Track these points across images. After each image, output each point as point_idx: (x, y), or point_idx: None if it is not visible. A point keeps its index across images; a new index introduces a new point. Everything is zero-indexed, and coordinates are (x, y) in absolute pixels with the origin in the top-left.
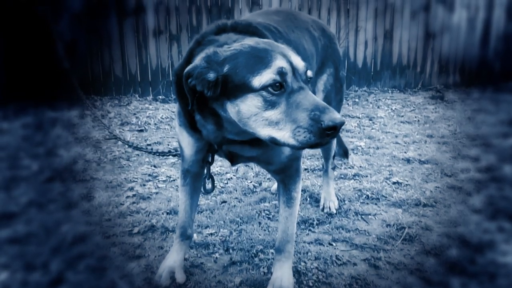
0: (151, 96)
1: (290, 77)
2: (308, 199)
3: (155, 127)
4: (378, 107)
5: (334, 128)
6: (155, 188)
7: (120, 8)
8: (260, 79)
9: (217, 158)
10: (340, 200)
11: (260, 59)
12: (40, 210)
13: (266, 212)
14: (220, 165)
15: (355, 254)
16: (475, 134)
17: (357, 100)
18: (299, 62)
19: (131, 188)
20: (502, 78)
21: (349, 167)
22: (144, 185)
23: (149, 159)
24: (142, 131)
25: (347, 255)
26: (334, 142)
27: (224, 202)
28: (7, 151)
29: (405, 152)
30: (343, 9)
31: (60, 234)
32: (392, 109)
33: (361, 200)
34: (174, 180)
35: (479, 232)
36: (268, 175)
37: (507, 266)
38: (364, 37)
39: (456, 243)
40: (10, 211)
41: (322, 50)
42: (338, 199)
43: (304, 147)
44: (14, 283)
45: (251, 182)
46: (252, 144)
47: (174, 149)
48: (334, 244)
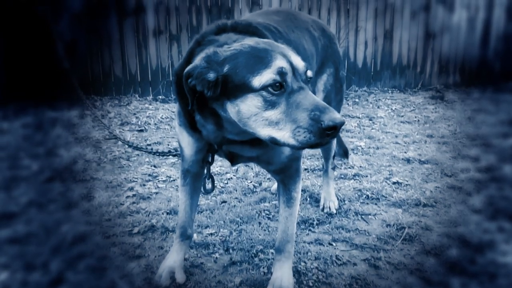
0: (151, 96)
1: (290, 77)
2: (308, 199)
3: (155, 127)
4: (378, 107)
5: (334, 128)
6: (155, 188)
7: (120, 8)
8: (260, 79)
9: (217, 158)
10: (340, 200)
11: (260, 59)
12: (40, 210)
13: (266, 212)
14: (220, 165)
15: (355, 254)
16: (475, 134)
17: (357, 100)
18: (299, 62)
19: (131, 188)
20: (502, 78)
21: (349, 167)
22: (144, 185)
23: (149, 159)
24: (142, 131)
25: (347, 255)
26: (334, 142)
27: (224, 202)
28: (7, 151)
29: (405, 152)
30: (343, 9)
31: (60, 234)
32: (392, 109)
33: (361, 200)
34: (174, 180)
35: (479, 232)
36: (268, 175)
37: (507, 266)
38: (364, 37)
39: (456, 243)
40: (10, 211)
41: (322, 50)
42: (338, 199)
43: (304, 147)
44: (14, 283)
45: (251, 182)
46: (252, 144)
47: (174, 149)
48: (334, 244)
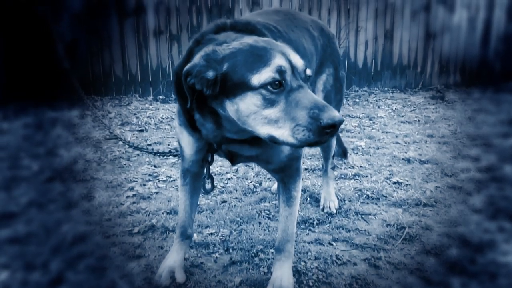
0: (151, 96)
1: (289, 75)
2: (308, 199)
3: (156, 127)
4: (379, 107)
5: (333, 126)
6: (155, 188)
7: (120, 8)
8: (259, 78)
9: (217, 158)
10: (340, 200)
11: (259, 58)
12: (40, 210)
13: (266, 212)
14: (221, 165)
15: (355, 253)
16: (475, 134)
17: (357, 100)
18: (298, 60)
19: (131, 188)
20: (503, 78)
21: (349, 167)
22: (144, 185)
23: (149, 159)
24: (142, 131)
25: (347, 254)
26: (334, 142)
27: (224, 202)
28: (8, 151)
29: (405, 152)
30: (343, 9)
31: (60, 234)
32: (392, 109)
33: (361, 200)
34: (174, 180)
35: (480, 232)
36: (268, 175)
37: (508, 266)
38: (364, 37)
39: (456, 243)
40: (10, 211)
41: (321, 49)
42: (338, 199)
43: (303, 145)
44: (14, 282)
45: (251, 182)
46: (251, 143)
47: (175, 149)
48: (334, 243)
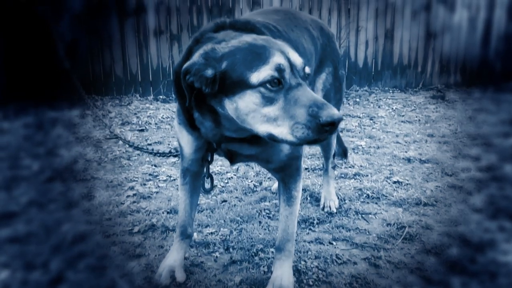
0: (152, 96)
1: (288, 73)
2: (309, 198)
3: (156, 126)
4: (379, 107)
5: (332, 124)
6: (155, 187)
7: (120, 8)
8: (258, 76)
9: (217, 157)
10: (341, 199)
11: (258, 56)
12: (40, 210)
13: (267, 211)
14: (221, 164)
15: (355, 253)
16: (476, 134)
17: (358, 99)
18: (297, 58)
19: (132, 188)
20: (503, 78)
21: (349, 167)
22: (144, 184)
23: (149, 159)
24: (142, 130)
25: (347, 254)
26: (334, 141)
27: (225, 201)
28: (8, 151)
29: (405, 152)
30: (344, 9)
31: (61, 233)
32: (393, 108)
33: (361, 199)
34: (174, 180)
35: (480, 231)
36: (269, 175)
37: (508, 265)
38: (365, 37)
39: (456, 242)
40: (11, 211)
41: (321, 49)
42: (338, 198)
43: (302, 143)
44: (14, 282)
45: (251, 182)
46: (251, 142)
47: (175, 149)
48: (334, 243)
